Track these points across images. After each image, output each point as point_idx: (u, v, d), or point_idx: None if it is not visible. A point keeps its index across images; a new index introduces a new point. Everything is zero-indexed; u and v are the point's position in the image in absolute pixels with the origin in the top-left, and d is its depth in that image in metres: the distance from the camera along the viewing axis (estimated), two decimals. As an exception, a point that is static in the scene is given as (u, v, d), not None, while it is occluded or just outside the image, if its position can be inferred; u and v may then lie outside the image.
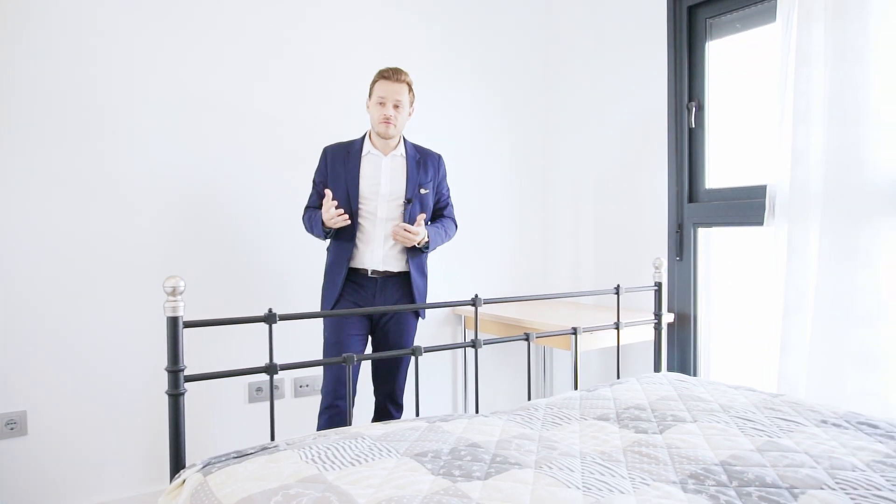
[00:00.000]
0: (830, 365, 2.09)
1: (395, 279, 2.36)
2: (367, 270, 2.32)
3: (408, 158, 2.38)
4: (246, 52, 2.67)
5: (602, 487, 1.22)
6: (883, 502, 1.13)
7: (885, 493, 1.17)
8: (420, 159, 2.40)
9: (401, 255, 2.35)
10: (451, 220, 2.53)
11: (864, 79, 2.02)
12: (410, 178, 2.34)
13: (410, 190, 2.33)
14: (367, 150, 2.34)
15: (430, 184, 2.40)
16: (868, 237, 2.02)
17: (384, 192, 2.31)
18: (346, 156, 2.34)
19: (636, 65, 3.01)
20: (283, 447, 1.43)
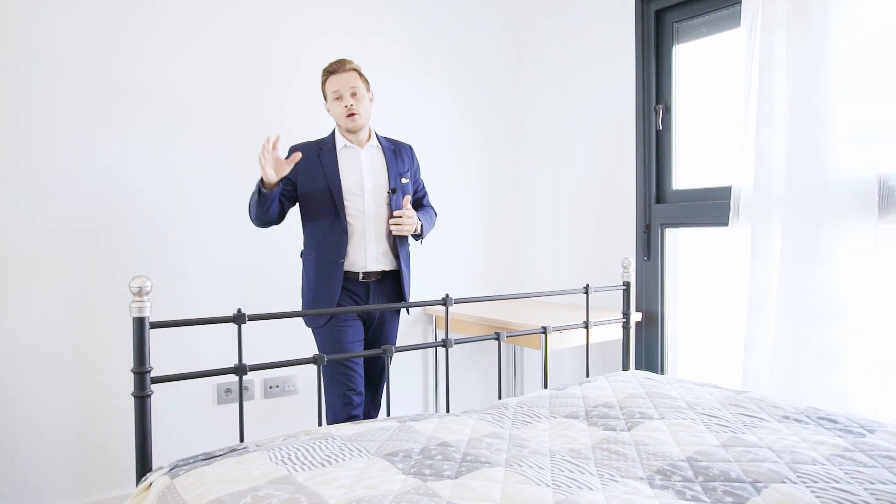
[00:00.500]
0: (792, 362, 2.15)
1: (386, 281, 2.28)
2: (357, 274, 2.22)
3: (384, 149, 2.31)
4: (211, 49, 2.64)
5: (571, 484, 1.23)
6: (841, 494, 1.17)
7: (843, 485, 1.21)
8: (395, 149, 2.35)
9: (391, 252, 2.26)
10: (432, 208, 2.49)
11: (825, 83, 2.08)
12: (391, 167, 2.28)
13: (393, 179, 2.26)
14: (342, 144, 2.25)
15: (408, 173, 2.35)
16: (828, 237, 2.07)
17: (369, 185, 2.22)
18: (320, 152, 2.23)
19: (605, 67, 3.04)
20: (253, 448, 1.42)
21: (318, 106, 2.84)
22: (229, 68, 2.67)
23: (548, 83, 3.39)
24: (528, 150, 3.53)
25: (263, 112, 2.75)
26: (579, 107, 3.20)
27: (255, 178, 2.70)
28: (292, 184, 2.23)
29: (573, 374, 3.20)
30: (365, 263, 2.21)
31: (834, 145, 2.07)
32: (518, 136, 3.58)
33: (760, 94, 2.24)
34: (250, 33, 2.72)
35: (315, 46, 2.87)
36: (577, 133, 3.21)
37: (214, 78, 2.64)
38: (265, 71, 2.75)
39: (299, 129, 2.80)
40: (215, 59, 2.64)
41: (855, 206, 2.03)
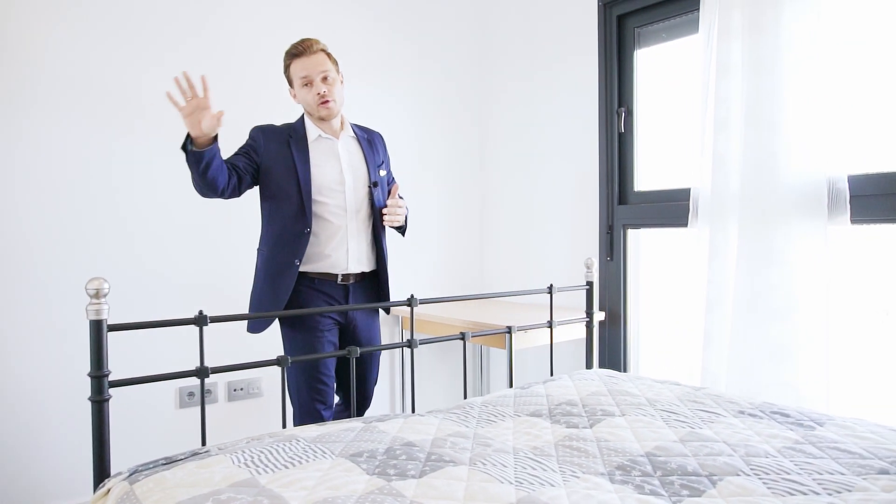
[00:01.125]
0: (748, 358, 2.21)
1: (365, 283, 2.14)
2: (336, 276, 2.06)
3: (359, 139, 2.14)
4: (169, 46, 2.59)
5: (533, 481, 1.25)
6: (792, 485, 1.21)
7: (793, 476, 1.25)
8: (369, 138, 2.18)
9: (372, 250, 2.13)
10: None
11: (777, 90, 2.15)
12: (368, 159, 2.10)
13: (372, 172, 2.09)
14: (315, 135, 2.05)
15: (384, 164, 2.19)
16: (781, 238, 2.14)
17: (349, 180, 2.05)
18: (290, 140, 2.02)
19: (569, 69, 3.09)
20: (215, 452, 1.40)
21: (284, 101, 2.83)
22: (189, 64, 2.63)
23: (512, 84, 3.42)
24: (492, 151, 3.55)
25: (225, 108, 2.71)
26: (543, 108, 3.24)
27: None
28: (255, 164, 2.02)
29: (538, 372, 3.23)
30: (346, 265, 2.06)
31: (786, 149, 2.14)
32: (483, 136, 3.60)
33: (717, 99, 2.30)
34: (210, 28, 2.68)
35: (277, 41, 2.84)
36: (542, 134, 3.25)
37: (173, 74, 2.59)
38: (226, 66, 2.72)
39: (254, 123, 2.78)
40: (173, 55, 2.59)
41: (806, 207, 2.10)
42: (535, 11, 3.27)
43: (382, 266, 2.16)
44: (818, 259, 2.07)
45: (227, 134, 2.70)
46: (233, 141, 2.71)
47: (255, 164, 2.02)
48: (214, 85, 2.68)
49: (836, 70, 2.08)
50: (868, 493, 1.17)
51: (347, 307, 1.93)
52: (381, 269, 2.16)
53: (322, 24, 2.98)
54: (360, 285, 2.13)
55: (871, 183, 2.09)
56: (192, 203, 2.63)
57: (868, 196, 2.07)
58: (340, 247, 2.05)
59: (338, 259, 2.05)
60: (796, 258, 2.12)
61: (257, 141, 2.06)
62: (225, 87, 2.71)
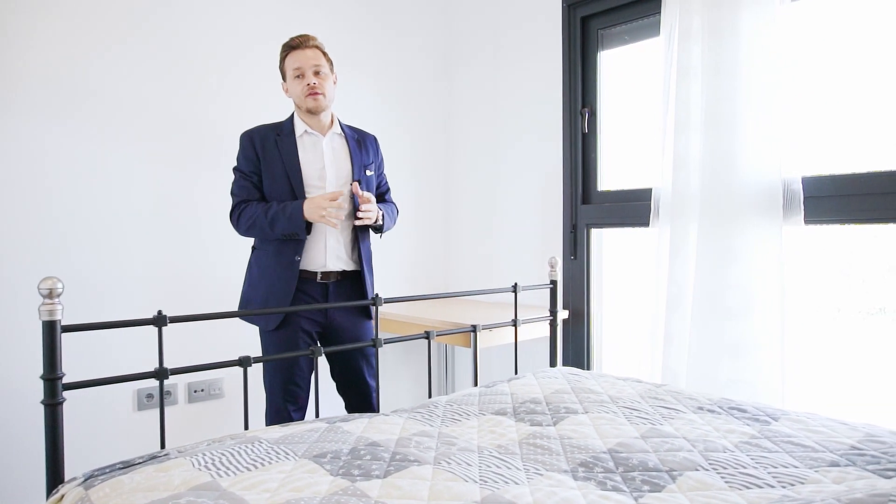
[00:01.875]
0: (707, 355, 2.26)
1: (346, 282, 2.12)
2: (315, 274, 2.06)
3: (347, 138, 2.14)
4: (128, 41, 2.53)
5: (498, 480, 1.26)
6: (748, 478, 1.24)
7: (749, 470, 1.29)
8: (359, 139, 2.18)
9: (352, 249, 2.11)
10: (394, 204, 2.34)
11: (735, 92, 2.21)
12: (354, 158, 2.10)
13: (357, 171, 2.09)
14: (302, 130, 2.06)
15: (372, 165, 2.18)
16: (738, 238, 2.20)
17: (331, 177, 2.05)
18: (278, 138, 2.03)
19: (534, 70, 3.11)
20: (174, 455, 1.37)
21: (244, 96, 2.79)
22: (148, 61, 2.57)
23: (477, 86, 3.43)
24: (457, 149, 3.56)
25: (186, 105, 2.66)
26: (508, 107, 3.26)
27: (182, 174, 2.62)
28: (259, 175, 2.06)
29: (503, 371, 3.25)
30: (325, 262, 2.06)
31: (743, 151, 2.20)
32: (448, 135, 3.61)
33: (678, 101, 2.35)
34: (168, 24, 2.62)
35: (239, 37, 2.80)
36: (506, 134, 3.27)
37: (134, 71, 2.53)
38: (186, 63, 2.66)
39: (223, 120, 2.74)
40: (134, 51, 2.53)
41: (762, 208, 2.16)
42: (499, 11, 3.29)
43: (363, 266, 2.14)
44: (773, 259, 2.13)
45: (199, 131, 2.66)
46: (210, 140, 2.67)
47: (258, 176, 2.07)
48: (177, 88, 2.63)
49: (791, 75, 2.14)
50: (820, 484, 1.20)
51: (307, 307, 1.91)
52: (362, 270, 2.14)
53: (285, 18, 2.94)
54: (340, 285, 2.11)
55: (824, 184, 2.15)
56: (150, 202, 2.57)
57: (821, 197, 2.14)
58: (318, 242, 2.05)
59: (316, 254, 2.05)
60: (753, 258, 2.18)
61: (248, 149, 2.07)
62: (188, 88, 2.65)
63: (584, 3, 2.85)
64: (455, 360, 3.55)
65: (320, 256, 2.06)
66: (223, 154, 2.74)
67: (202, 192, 2.69)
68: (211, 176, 2.70)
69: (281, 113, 2.81)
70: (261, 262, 2.09)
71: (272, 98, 2.90)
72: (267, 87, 2.87)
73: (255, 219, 2.00)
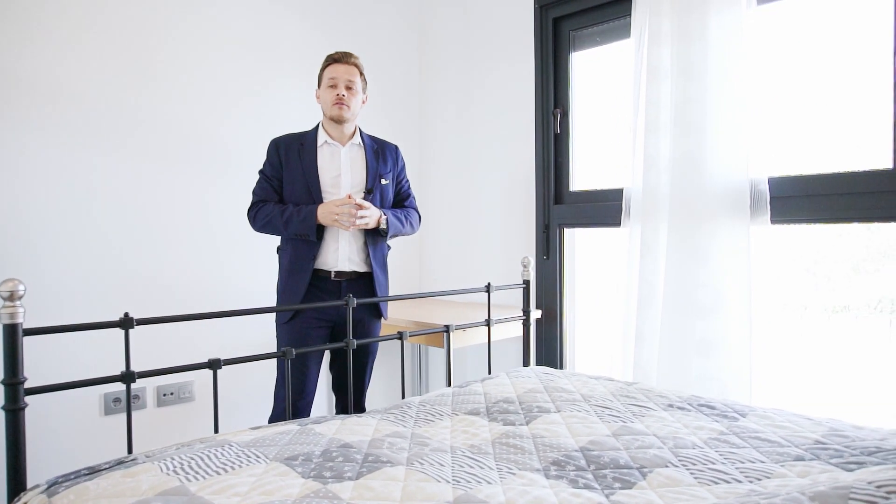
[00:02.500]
0: (678, 353, 2.30)
1: (359, 282, 2.24)
2: (329, 273, 2.19)
3: (366, 148, 2.27)
4: (93, 39, 2.48)
5: (471, 479, 1.26)
6: (716, 474, 1.26)
7: (718, 465, 1.31)
8: (378, 149, 2.31)
9: (365, 252, 2.24)
10: (415, 210, 2.43)
11: (704, 94, 2.24)
12: (370, 167, 2.24)
13: (371, 180, 2.23)
14: (322, 140, 2.22)
15: (389, 174, 2.31)
16: (707, 237, 2.23)
17: (345, 184, 2.20)
18: (301, 148, 2.20)
19: (507, 70, 3.12)
20: (142, 460, 1.35)
21: (213, 96, 2.75)
22: (112, 59, 2.52)
23: (450, 85, 3.43)
24: (430, 150, 3.56)
25: (154, 105, 2.61)
26: (481, 108, 3.26)
27: (150, 176, 2.57)
28: (280, 180, 2.23)
29: (476, 371, 3.26)
30: (336, 263, 2.19)
31: (712, 151, 2.23)
32: (421, 135, 3.60)
33: (648, 102, 2.38)
34: (138, 24, 2.57)
35: (211, 36, 2.76)
36: (480, 134, 3.28)
37: (100, 72, 2.48)
38: (153, 63, 2.61)
39: (195, 123, 2.70)
40: (99, 48, 2.47)
41: (730, 208, 2.20)
42: (472, 12, 3.29)
43: (374, 267, 2.26)
44: (741, 258, 2.17)
45: (166, 131, 2.61)
46: (177, 141, 2.63)
47: (279, 181, 2.23)
48: (144, 87, 2.58)
49: (757, 77, 2.19)
50: (785, 478, 1.23)
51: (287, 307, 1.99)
52: (374, 270, 2.26)
53: (257, 22, 2.91)
54: (353, 283, 2.23)
55: (789, 185, 2.20)
56: (116, 203, 2.52)
57: (787, 197, 2.19)
58: (331, 245, 2.19)
59: (327, 257, 2.19)
60: (721, 257, 2.22)
61: (273, 156, 2.24)
62: (156, 88, 2.61)
63: (556, 5, 2.87)
64: (429, 360, 3.55)
65: (332, 258, 2.20)
66: (191, 155, 2.71)
67: (171, 193, 2.64)
68: (179, 177, 2.66)
69: (249, 111, 2.79)
70: (282, 262, 2.27)
71: (243, 98, 2.87)
72: (237, 87, 2.84)
73: (270, 217, 2.17)
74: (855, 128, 2.20)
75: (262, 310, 1.90)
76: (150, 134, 2.60)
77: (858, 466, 1.26)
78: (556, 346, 2.95)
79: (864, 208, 2.05)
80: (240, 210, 2.82)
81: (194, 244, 2.71)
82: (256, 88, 2.90)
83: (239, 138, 2.84)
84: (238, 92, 2.83)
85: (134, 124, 2.56)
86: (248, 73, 2.88)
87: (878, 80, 2.05)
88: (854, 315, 2.34)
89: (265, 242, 2.58)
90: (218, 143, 2.78)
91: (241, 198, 2.83)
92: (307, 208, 2.13)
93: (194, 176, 2.72)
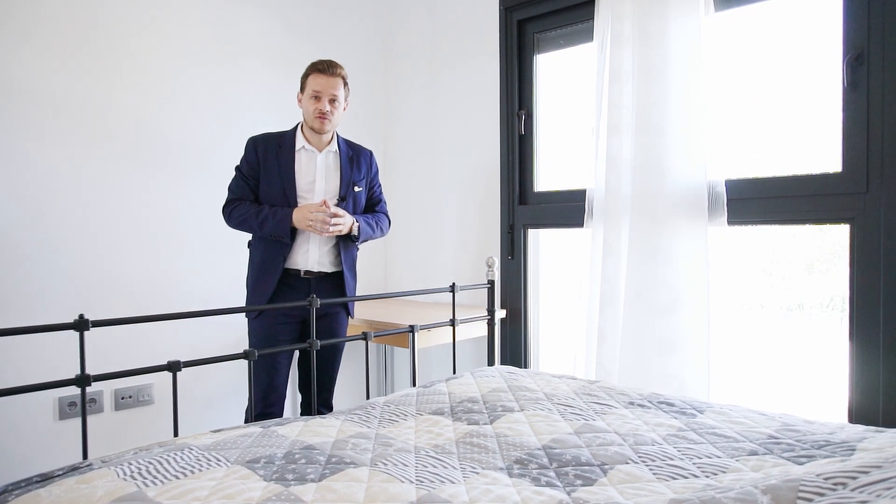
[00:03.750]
0: (639, 351, 2.34)
1: (328, 279, 2.32)
2: (299, 271, 2.26)
3: (341, 155, 2.32)
4: (56, 37, 2.41)
5: (434, 479, 1.26)
6: (674, 469, 1.29)
7: (676, 461, 1.34)
8: (353, 156, 2.36)
9: (335, 255, 2.31)
10: (384, 215, 2.50)
11: (664, 97, 2.29)
12: (344, 175, 2.30)
13: (344, 188, 2.29)
14: (300, 145, 2.26)
15: (363, 181, 2.37)
16: (667, 237, 2.28)
17: (319, 189, 2.26)
18: (279, 149, 2.24)
19: (472, 71, 3.14)
20: (98, 465, 1.31)
21: (169, 92, 2.70)
22: (69, 55, 2.45)
23: (415, 87, 3.43)
24: (395, 150, 3.55)
25: (116, 105, 2.55)
26: (446, 109, 3.27)
27: (104, 169, 2.51)
28: (256, 179, 2.26)
29: (442, 370, 3.26)
30: (306, 263, 2.26)
31: (672, 153, 2.28)
32: (386, 136, 3.59)
33: (610, 104, 2.42)
34: (101, 26, 2.51)
35: (177, 36, 2.71)
36: (445, 134, 3.28)
37: (56, 66, 2.41)
38: (118, 63, 2.55)
39: (155, 122, 2.64)
40: (54, 42, 2.40)
41: (689, 209, 2.25)
42: (438, 13, 3.30)
43: (344, 269, 2.33)
44: (700, 258, 2.22)
45: (119, 128, 2.55)
46: (132, 138, 2.56)
47: (256, 180, 2.27)
48: (109, 87, 2.52)
49: (715, 82, 2.24)
50: (740, 473, 1.26)
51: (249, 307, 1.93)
52: (344, 272, 2.33)
53: (225, 23, 2.86)
54: (321, 281, 2.30)
55: (746, 187, 2.26)
56: (72, 201, 2.45)
57: (743, 199, 2.25)
58: (302, 247, 2.25)
59: (297, 257, 2.26)
60: (680, 257, 2.26)
61: (251, 154, 2.27)
62: (121, 87, 2.55)
63: (521, 7, 2.90)
64: (394, 360, 3.54)
65: (302, 259, 2.26)
66: (153, 153, 2.65)
67: (131, 191, 2.59)
68: (139, 175, 2.61)
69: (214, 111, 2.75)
70: (252, 258, 2.32)
71: (208, 97, 2.83)
72: (201, 86, 2.79)
73: (246, 217, 2.21)
74: (807, 132, 2.27)
75: (222, 311, 1.87)
76: (109, 131, 2.54)
77: (808, 460, 1.31)
78: (520, 346, 2.98)
79: (815, 210, 2.12)
80: (202, 208, 2.78)
81: (156, 243, 2.65)
82: (221, 88, 2.86)
83: (203, 137, 2.79)
84: (202, 91, 2.78)
85: (97, 120, 2.50)
86: (211, 72, 2.83)
87: (829, 86, 2.12)
88: (808, 313, 2.42)
89: (229, 241, 2.55)
90: (180, 141, 2.73)
91: (204, 196, 2.79)
92: (282, 211, 2.18)
93: (155, 174, 2.66)
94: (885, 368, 1.96)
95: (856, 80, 2.02)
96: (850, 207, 2.04)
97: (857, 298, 2.03)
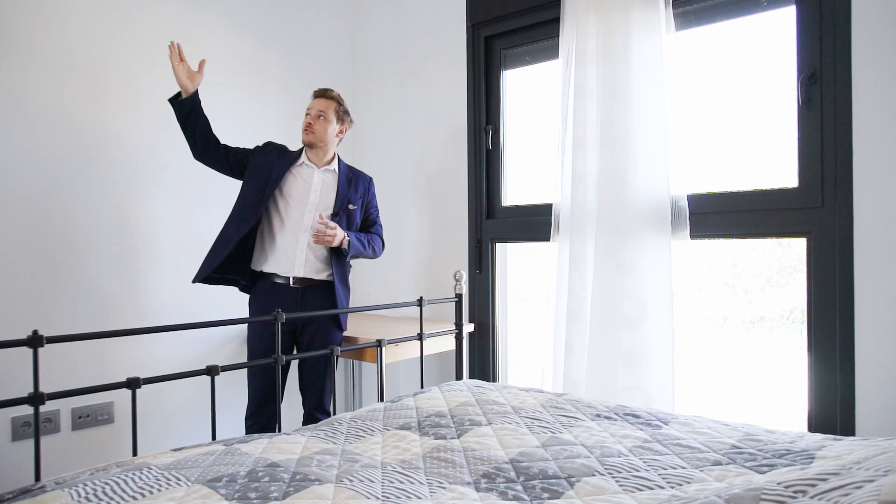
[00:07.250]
0: (605, 364, 2.36)
1: (317, 288, 2.43)
2: (288, 279, 2.38)
3: (340, 174, 2.51)
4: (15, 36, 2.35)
5: (400, 495, 1.25)
6: (640, 481, 1.30)
7: (642, 473, 1.35)
8: (351, 178, 2.54)
9: (323, 263, 2.43)
10: (378, 237, 2.62)
11: (627, 113, 2.33)
12: (340, 193, 2.47)
13: (339, 204, 2.45)
14: (302, 160, 2.47)
15: (359, 201, 2.53)
16: (632, 251, 2.31)
17: (312, 201, 2.42)
18: (281, 157, 2.45)
19: (440, 86, 3.16)
20: (51, 487, 1.27)
21: (128, 98, 2.65)
22: (32, 63, 2.40)
23: (384, 101, 3.44)
24: (363, 163, 3.54)
25: (76, 108, 2.50)
26: (414, 123, 3.28)
27: (61, 175, 2.45)
28: (245, 159, 2.44)
29: (409, 385, 3.24)
30: (292, 269, 2.38)
31: (635, 168, 2.32)
32: (354, 148, 3.58)
33: (575, 120, 2.45)
34: (66, 31, 2.46)
35: (134, 41, 2.67)
36: (413, 148, 3.29)
37: (18, 69, 2.35)
38: (82, 69, 2.50)
39: (115, 127, 2.59)
40: (20, 47, 2.35)
41: (653, 223, 2.29)
42: (406, 28, 3.32)
43: (335, 278, 2.43)
44: (664, 271, 2.26)
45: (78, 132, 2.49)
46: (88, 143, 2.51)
47: (244, 159, 2.45)
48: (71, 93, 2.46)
49: (677, 98, 2.29)
50: (704, 483, 1.28)
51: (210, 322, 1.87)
52: (335, 281, 2.43)
53: (186, 30, 2.83)
54: (308, 291, 2.42)
55: (707, 202, 2.31)
56: (30, 207, 2.38)
57: (705, 213, 2.29)
58: (291, 250, 2.39)
59: (285, 264, 2.39)
60: (645, 270, 2.30)
61: (258, 149, 2.49)
62: (85, 95, 2.49)
63: (488, 24, 2.93)
64: (362, 375, 3.51)
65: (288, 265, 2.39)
66: (112, 162, 2.60)
67: (90, 201, 2.53)
68: (97, 185, 2.55)
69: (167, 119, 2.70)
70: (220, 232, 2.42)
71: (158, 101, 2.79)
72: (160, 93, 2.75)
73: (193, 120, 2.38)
74: (765, 148, 2.34)
75: (183, 326, 1.83)
76: (66, 138, 2.48)
77: (770, 468, 1.33)
78: (488, 359, 2.98)
79: (773, 224, 2.17)
80: (165, 220, 2.73)
81: (122, 257, 2.59)
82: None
83: (161, 145, 2.74)
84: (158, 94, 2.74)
85: (54, 125, 2.44)
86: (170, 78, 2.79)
87: (785, 104, 2.19)
88: (769, 326, 2.47)
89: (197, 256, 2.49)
90: (139, 149, 2.68)
91: (166, 207, 2.74)
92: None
93: (112, 182, 2.61)
94: (841, 378, 2.01)
95: (810, 98, 2.09)
96: (807, 221, 2.10)
97: (814, 310, 2.08)
